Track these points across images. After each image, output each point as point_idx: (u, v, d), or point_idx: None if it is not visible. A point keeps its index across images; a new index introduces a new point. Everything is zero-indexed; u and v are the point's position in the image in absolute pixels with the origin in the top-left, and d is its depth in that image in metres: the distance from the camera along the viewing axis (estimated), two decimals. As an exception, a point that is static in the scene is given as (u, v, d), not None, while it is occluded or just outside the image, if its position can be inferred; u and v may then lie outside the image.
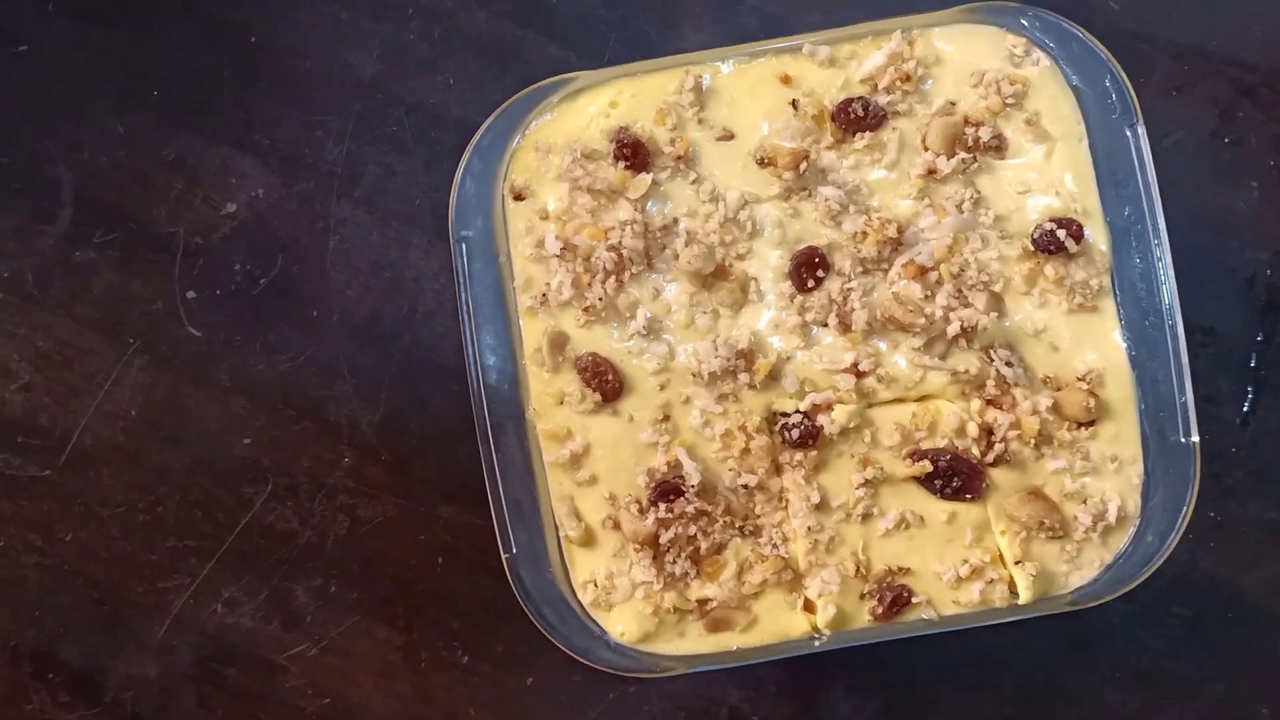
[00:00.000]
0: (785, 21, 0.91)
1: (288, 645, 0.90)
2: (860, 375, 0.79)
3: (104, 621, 0.91)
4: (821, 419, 0.78)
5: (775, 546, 0.79)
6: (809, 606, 0.80)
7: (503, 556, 0.79)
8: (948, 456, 0.78)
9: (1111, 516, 0.79)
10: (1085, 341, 0.79)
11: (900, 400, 0.80)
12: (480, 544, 0.89)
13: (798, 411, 0.79)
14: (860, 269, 0.80)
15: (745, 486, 0.79)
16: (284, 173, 0.91)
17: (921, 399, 0.80)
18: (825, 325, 0.79)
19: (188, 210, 0.91)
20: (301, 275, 0.91)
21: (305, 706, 0.90)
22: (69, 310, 0.91)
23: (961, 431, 0.79)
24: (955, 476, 0.78)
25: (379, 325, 0.91)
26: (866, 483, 0.78)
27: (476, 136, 0.80)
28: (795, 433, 0.78)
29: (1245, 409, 0.89)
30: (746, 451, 0.79)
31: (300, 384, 0.91)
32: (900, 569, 0.79)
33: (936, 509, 0.79)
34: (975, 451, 0.79)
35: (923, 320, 0.77)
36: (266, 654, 0.90)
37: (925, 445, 0.79)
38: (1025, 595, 0.78)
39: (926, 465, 0.78)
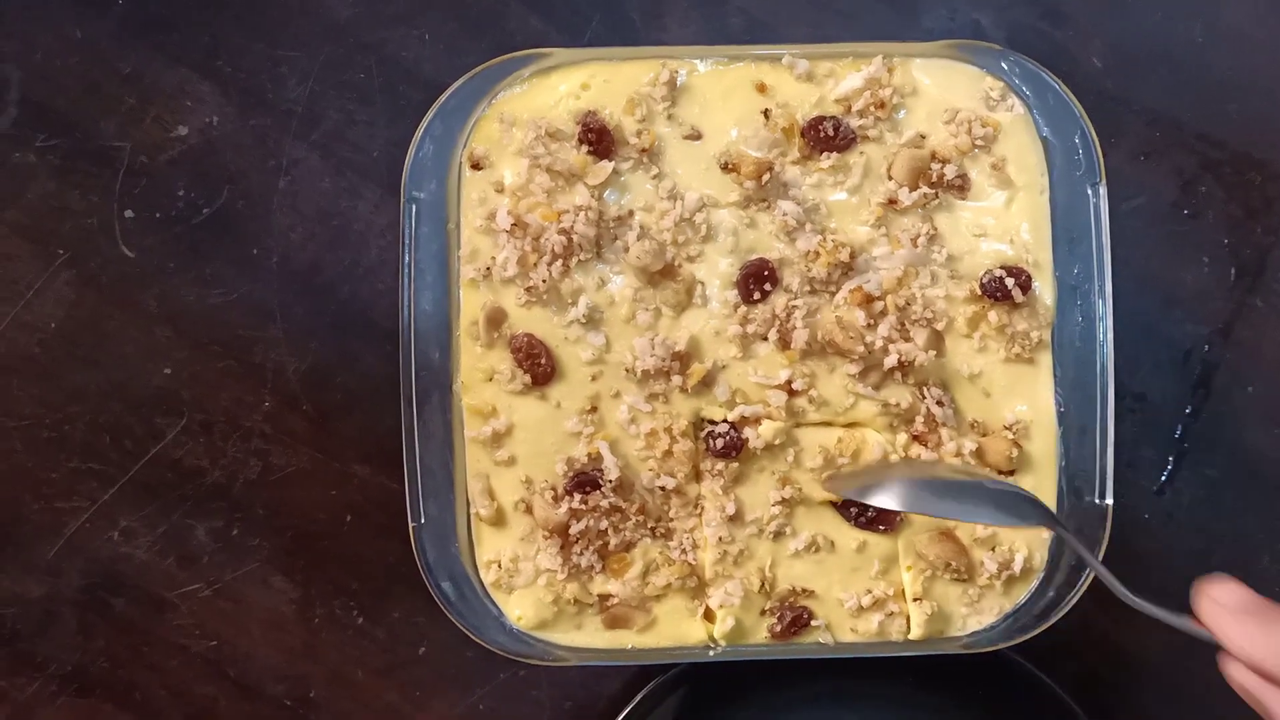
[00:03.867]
0: (771, 29, 0.90)
1: (180, 583, 0.89)
2: (792, 394, 0.78)
3: (-6, 534, 0.88)
4: (748, 432, 0.78)
5: (684, 552, 0.79)
6: (709, 615, 0.80)
7: (410, 525, 0.77)
8: None
9: (1017, 567, 0.79)
10: (1017, 392, 0.80)
11: (828, 424, 0.80)
12: (390, 508, 0.88)
13: (725, 421, 0.78)
14: (808, 288, 0.79)
15: (663, 488, 0.79)
16: (242, 104, 0.89)
17: (849, 425, 0.80)
18: (765, 339, 0.79)
19: (136, 127, 0.88)
20: (246, 211, 0.89)
21: (190, 646, 0.89)
22: (0, 213, 0.88)
23: None
24: (871, 506, 0.78)
25: (319, 274, 0.89)
26: (783, 501, 0.78)
27: (442, 98, 0.79)
28: (720, 442, 0.78)
29: (1164, 479, 0.90)
30: (669, 454, 0.78)
31: (230, 322, 0.89)
32: (804, 590, 0.79)
33: (848, 536, 0.79)
34: None
35: (862, 348, 0.77)
36: (157, 589, 0.89)
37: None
38: (916, 632, 0.79)
39: None
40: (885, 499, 0.70)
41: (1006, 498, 0.70)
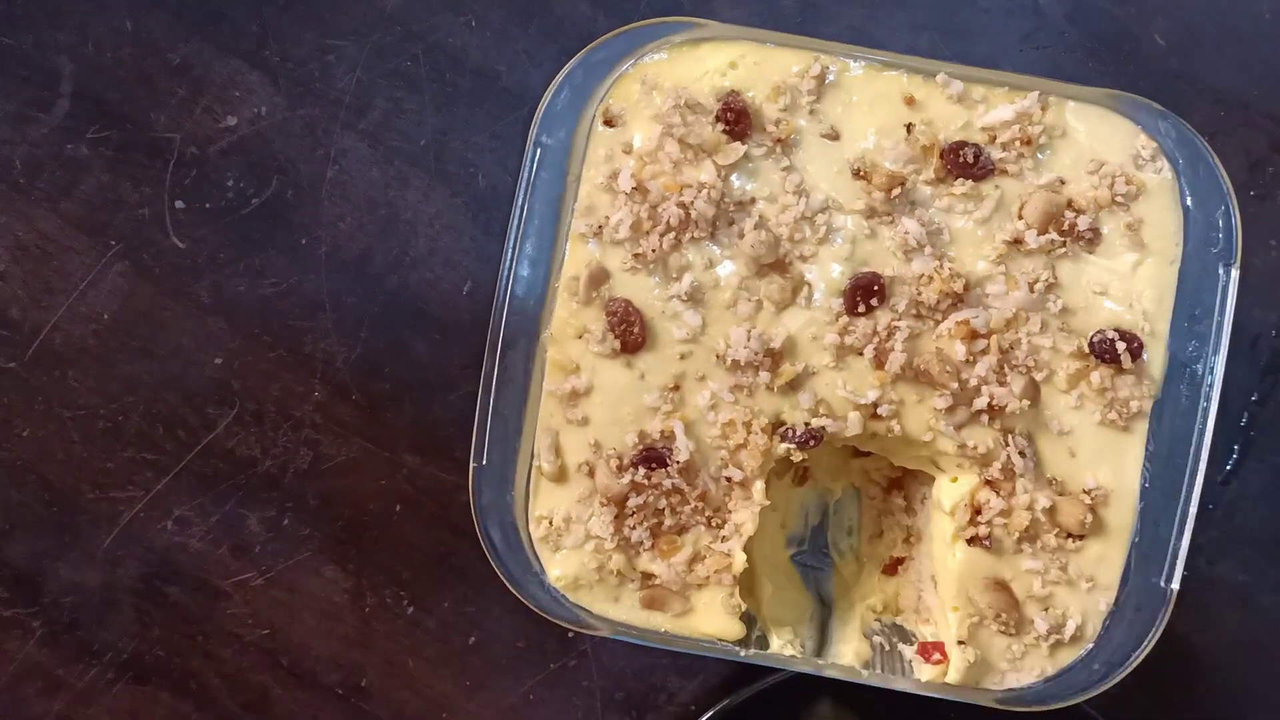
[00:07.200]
0: (821, 9, 0.89)
1: (234, 572, 0.89)
2: (875, 418, 0.76)
3: (52, 524, 0.89)
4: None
5: (727, 541, 0.77)
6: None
7: (471, 466, 0.76)
8: None
9: (1067, 633, 0.76)
10: (1105, 458, 0.76)
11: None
12: (440, 498, 0.88)
13: (805, 425, 0.76)
14: (914, 312, 0.76)
15: (728, 479, 0.77)
16: (291, 94, 0.89)
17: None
18: (860, 354, 0.76)
19: (187, 118, 0.88)
20: (295, 201, 0.89)
21: (244, 635, 0.89)
22: (54, 204, 0.89)
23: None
24: None
25: (368, 264, 0.89)
26: None
27: (589, 49, 0.76)
28: (796, 431, 0.76)
29: (1229, 468, 0.87)
30: (742, 447, 0.76)
31: (280, 312, 0.89)
32: None
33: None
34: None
35: (956, 384, 0.74)
36: (211, 578, 0.89)
37: None
38: (954, 676, 0.76)
39: None
40: None
41: None
